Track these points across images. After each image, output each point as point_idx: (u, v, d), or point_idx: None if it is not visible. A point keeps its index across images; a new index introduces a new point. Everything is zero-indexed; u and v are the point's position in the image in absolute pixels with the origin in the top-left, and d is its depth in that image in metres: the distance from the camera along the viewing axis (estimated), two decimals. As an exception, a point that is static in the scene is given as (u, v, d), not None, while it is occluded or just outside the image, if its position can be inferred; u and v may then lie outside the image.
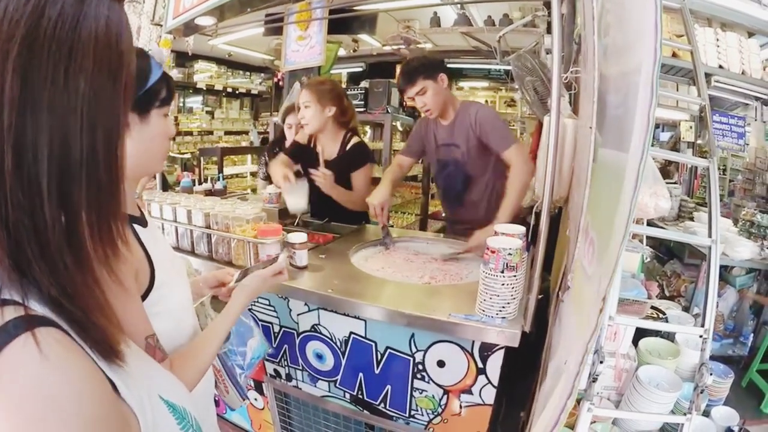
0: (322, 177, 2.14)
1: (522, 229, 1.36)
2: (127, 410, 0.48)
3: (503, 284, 1.26)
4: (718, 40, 3.13)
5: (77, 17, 0.43)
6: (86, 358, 0.45)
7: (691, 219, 3.39)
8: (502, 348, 1.32)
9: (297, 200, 1.79)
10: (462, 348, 1.38)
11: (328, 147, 2.36)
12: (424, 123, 2.31)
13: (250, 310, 1.73)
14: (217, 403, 1.28)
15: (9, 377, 0.40)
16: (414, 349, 1.46)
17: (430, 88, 2.08)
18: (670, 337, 1.35)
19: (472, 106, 2.20)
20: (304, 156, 2.38)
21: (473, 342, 1.35)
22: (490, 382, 1.38)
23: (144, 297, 0.93)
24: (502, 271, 1.24)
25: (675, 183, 4.22)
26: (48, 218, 0.43)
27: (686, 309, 2.39)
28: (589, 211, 1.03)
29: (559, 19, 1.27)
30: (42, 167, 0.42)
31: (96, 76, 0.45)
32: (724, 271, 2.97)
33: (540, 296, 1.34)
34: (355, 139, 2.36)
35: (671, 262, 3.37)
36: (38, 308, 0.44)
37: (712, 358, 1.13)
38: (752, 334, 2.94)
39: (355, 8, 3.09)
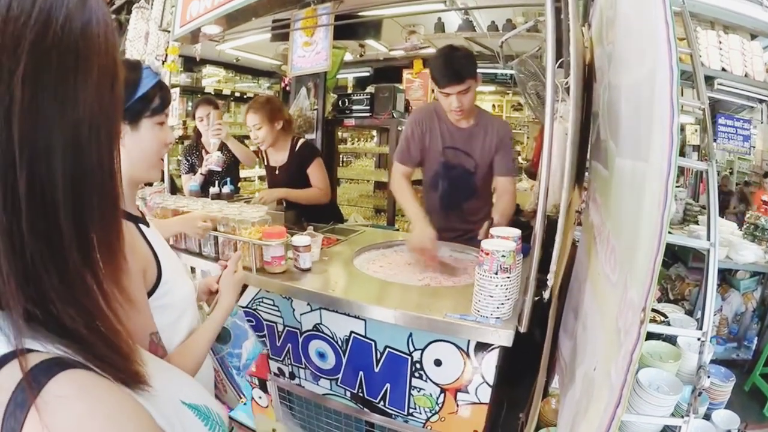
0: (261, 198, 2.39)
1: (517, 231, 1.38)
2: None
3: (497, 285, 1.28)
4: (720, 42, 3.13)
5: (83, 20, 0.40)
6: (121, 393, 0.42)
7: (696, 222, 3.38)
8: (497, 347, 1.34)
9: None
10: (458, 347, 1.41)
11: (280, 155, 2.63)
12: (427, 121, 2.09)
13: (255, 310, 1.78)
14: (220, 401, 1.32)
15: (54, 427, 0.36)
16: (412, 348, 1.49)
17: (472, 89, 1.92)
18: (672, 340, 1.35)
19: (494, 118, 2.12)
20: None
21: (468, 341, 1.38)
22: (485, 381, 1.40)
23: (151, 293, 0.98)
24: (496, 273, 1.26)
25: (680, 186, 4.19)
26: (66, 241, 0.40)
27: (690, 312, 2.39)
28: (609, 218, 1.05)
29: (553, 22, 1.29)
30: (57, 185, 0.39)
31: (99, 83, 0.42)
32: (729, 274, 2.96)
33: (536, 298, 1.36)
34: (301, 141, 2.66)
35: (676, 265, 3.36)
36: (53, 349, 0.40)
37: (716, 362, 1.13)
38: (756, 338, 2.92)
39: (360, 14, 3.13)
